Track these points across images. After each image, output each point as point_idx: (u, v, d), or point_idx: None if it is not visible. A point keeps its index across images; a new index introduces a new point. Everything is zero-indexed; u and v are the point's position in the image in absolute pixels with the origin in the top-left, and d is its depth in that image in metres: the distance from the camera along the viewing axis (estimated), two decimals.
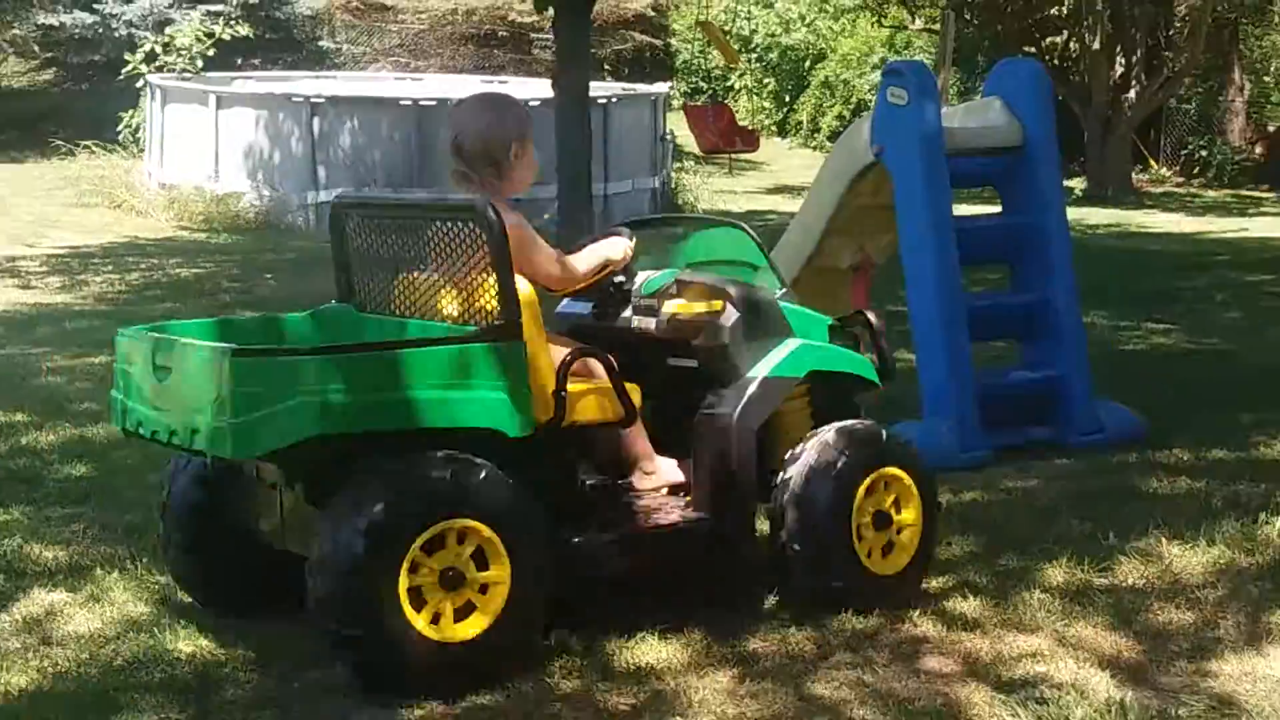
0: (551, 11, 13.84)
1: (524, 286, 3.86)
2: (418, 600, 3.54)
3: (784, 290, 4.52)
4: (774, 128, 35.11)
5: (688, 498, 4.22)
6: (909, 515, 4.21)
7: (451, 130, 4.19)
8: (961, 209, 6.40)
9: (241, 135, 17.25)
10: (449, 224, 3.93)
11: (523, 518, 3.68)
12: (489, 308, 3.84)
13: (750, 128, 27.35)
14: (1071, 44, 25.76)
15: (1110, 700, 3.43)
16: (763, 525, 4.23)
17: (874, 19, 28.51)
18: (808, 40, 34.54)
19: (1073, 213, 20.26)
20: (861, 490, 4.11)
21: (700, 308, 4.24)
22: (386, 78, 24.17)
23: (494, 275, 3.79)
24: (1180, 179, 29.42)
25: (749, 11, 31.98)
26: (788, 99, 35.38)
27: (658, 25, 33.54)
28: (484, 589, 3.62)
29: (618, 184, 19.14)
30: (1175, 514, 4.94)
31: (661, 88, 21.83)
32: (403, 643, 3.51)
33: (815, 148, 32.11)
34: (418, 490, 3.58)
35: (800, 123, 33.66)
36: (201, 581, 4.20)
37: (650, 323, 4.30)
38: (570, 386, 3.91)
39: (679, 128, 24.03)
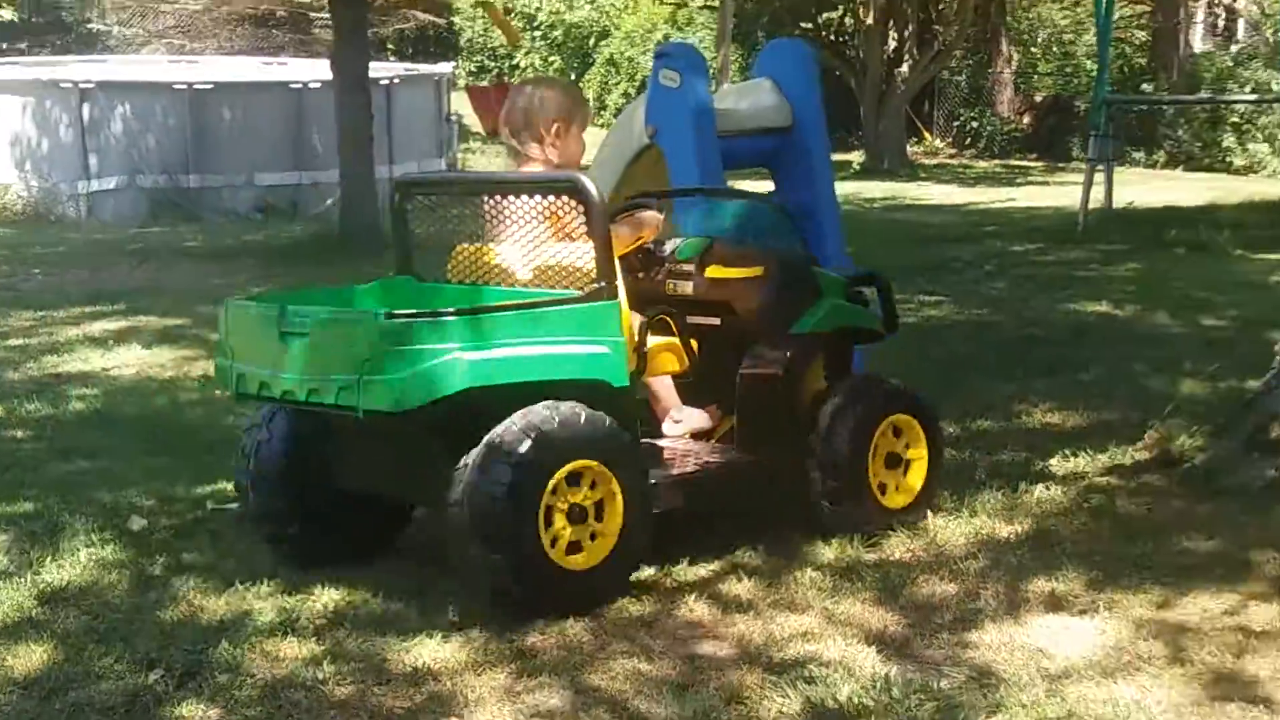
0: None
1: None
2: (548, 531, 4.00)
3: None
4: None
5: (716, 443, 4.76)
6: (916, 454, 4.74)
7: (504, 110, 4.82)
8: (750, 186, 6.49)
9: (7, 123, 16.67)
10: (542, 198, 4.36)
11: (632, 461, 4.20)
12: (584, 272, 4.28)
13: None
14: (846, 19, 26.26)
15: (876, 676, 3.53)
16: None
17: None
18: (591, 17, 34.63)
19: (851, 186, 20.84)
20: (878, 433, 4.63)
21: (741, 271, 4.79)
22: (160, 61, 23.54)
23: (593, 242, 4.24)
24: (953, 150, 30.22)
25: None
26: (573, 77, 35.40)
27: (441, 4, 33.22)
28: (600, 522, 4.11)
29: (403, 166, 18.94)
30: (941, 486, 5.08)
31: (445, 68, 21.68)
32: (536, 568, 3.97)
33: (602, 125, 32.16)
34: (556, 435, 4.00)
35: (586, 100, 33.82)
36: (293, 537, 4.50)
37: (688, 286, 4.82)
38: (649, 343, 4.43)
39: (465, 108, 23.90)
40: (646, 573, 4.36)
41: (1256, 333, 7.82)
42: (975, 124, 30.80)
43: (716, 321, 4.81)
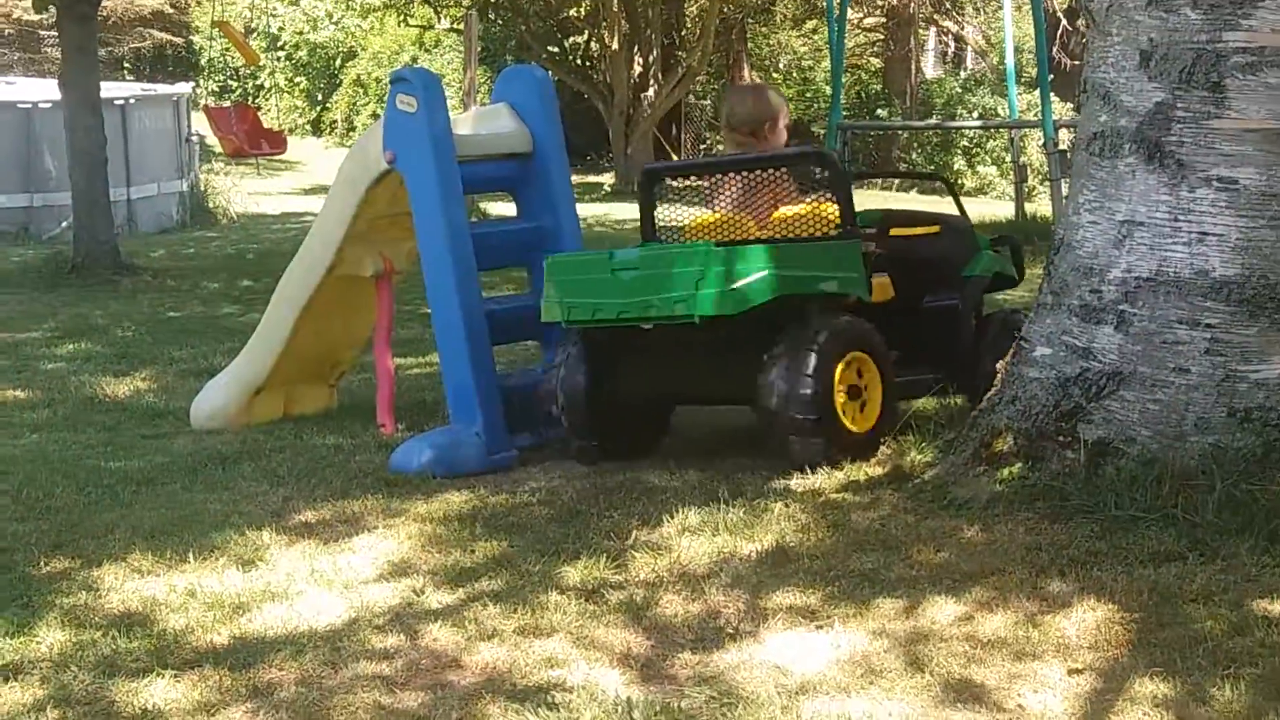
0: (53, 10, 13.18)
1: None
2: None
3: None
4: (308, 126, 34.59)
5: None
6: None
7: (724, 111, 6.53)
8: (499, 209, 6.48)
9: None
10: (790, 169, 5.90)
11: (883, 352, 5.62)
12: (824, 221, 5.70)
13: (276, 128, 26.79)
14: (592, 44, 26.49)
15: (618, 699, 3.54)
16: None
17: (400, 18, 28.51)
18: (337, 38, 34.21)
19: (602, 208, 21.02)
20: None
21: (922, 230, 6.35)
22: None
23: (838, 196, 5.67)
24: None
25: (274, 9, 31.37)
26: (320, 97, 34.94)
27: (178, 23, 32.46)
28: (867, 400, 5.55)
29: (141, 188, 18.43)
30: (686, 505, 5.14)
31: (184, 88, 21.18)
32: (837, 433, 5.39)
33: (350, 146, 31.84)
34: (841, 333, 5.46)
35: (334, 121, 33.33)
36: (599, 436, 5.83)
37: (871, 245, 5.92)
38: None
39: (206, 128, 23.34)
40: (392, 602, 4.33)
41: None
42: (721, 146, 31.35)
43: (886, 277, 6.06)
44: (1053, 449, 4.84)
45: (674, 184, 6.20)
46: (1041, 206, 18.08)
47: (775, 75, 33.44)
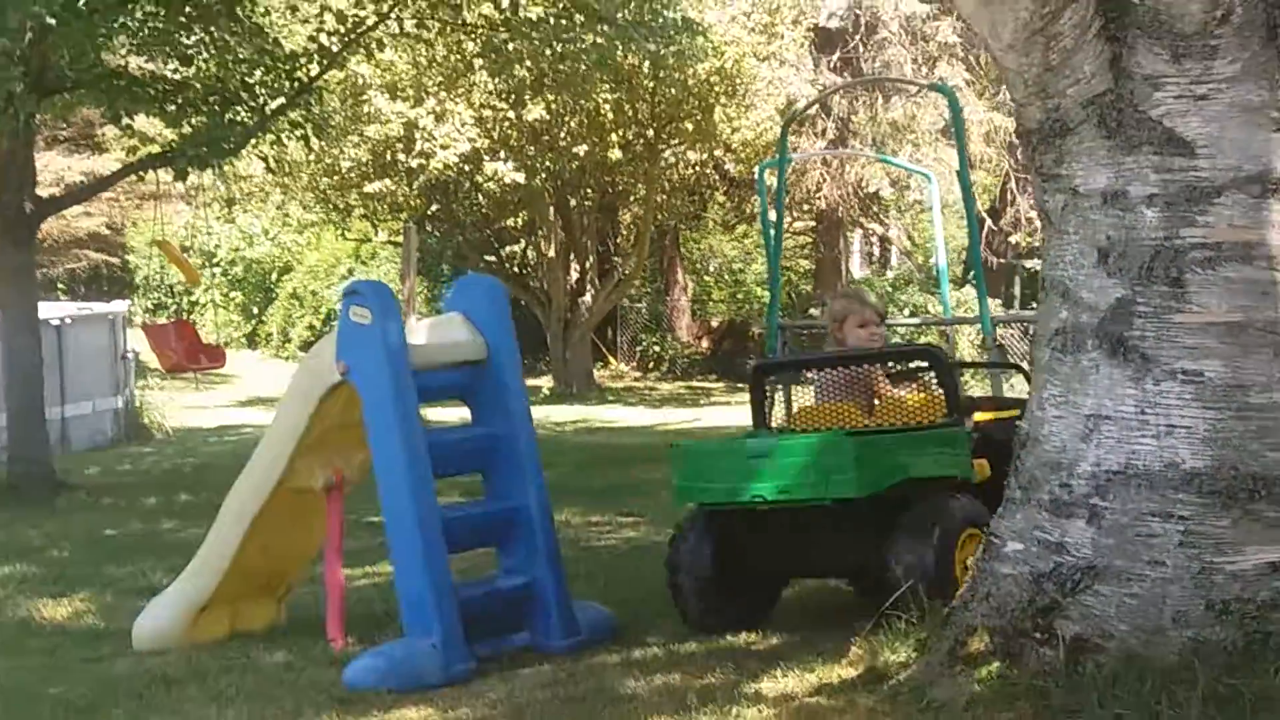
0: None
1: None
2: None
3: None
4: (243, 339, 34.57)
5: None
6: None
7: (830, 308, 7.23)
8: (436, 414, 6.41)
9: None
10: (906, 362, 6.76)
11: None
12: (926, 409, 6.31)
13: (215, 343, 26.65)
14: (529, 252, 26.76)
15: None
16: None
17: (339, 232, 28.72)
18: (273, 253, 34.42)
19: (541, 410, 20.92)
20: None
21: (1005, 414, 6.51)
22: None
23: (946, 389, 6.28)
24: (638, 373, 30.86)
25: (210, 227, 31.58)
26: (256, 310, 34.99)
27: (114, 243, 32.56)
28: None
29: (76, 405, 18.25)
30: (653, 712, 4.99)
31: (120, 306, 21.11)
32: (950, 591, 5.42)
33: (287, 357, 31.80)
34: (964, 510, 5.93)
35: (270, 334, 33.33)
36: (715, 611, 6.31)
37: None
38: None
39: (142, 345, 23.22)
40: None
41: None
42: (657, 348, 31.56)
43: None
44: (1030, 646, 4.73)
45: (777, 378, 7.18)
46: None
47: (708, 278, 33.90)
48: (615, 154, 22.55)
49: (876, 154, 22.13)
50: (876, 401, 6.51)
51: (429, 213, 24.80)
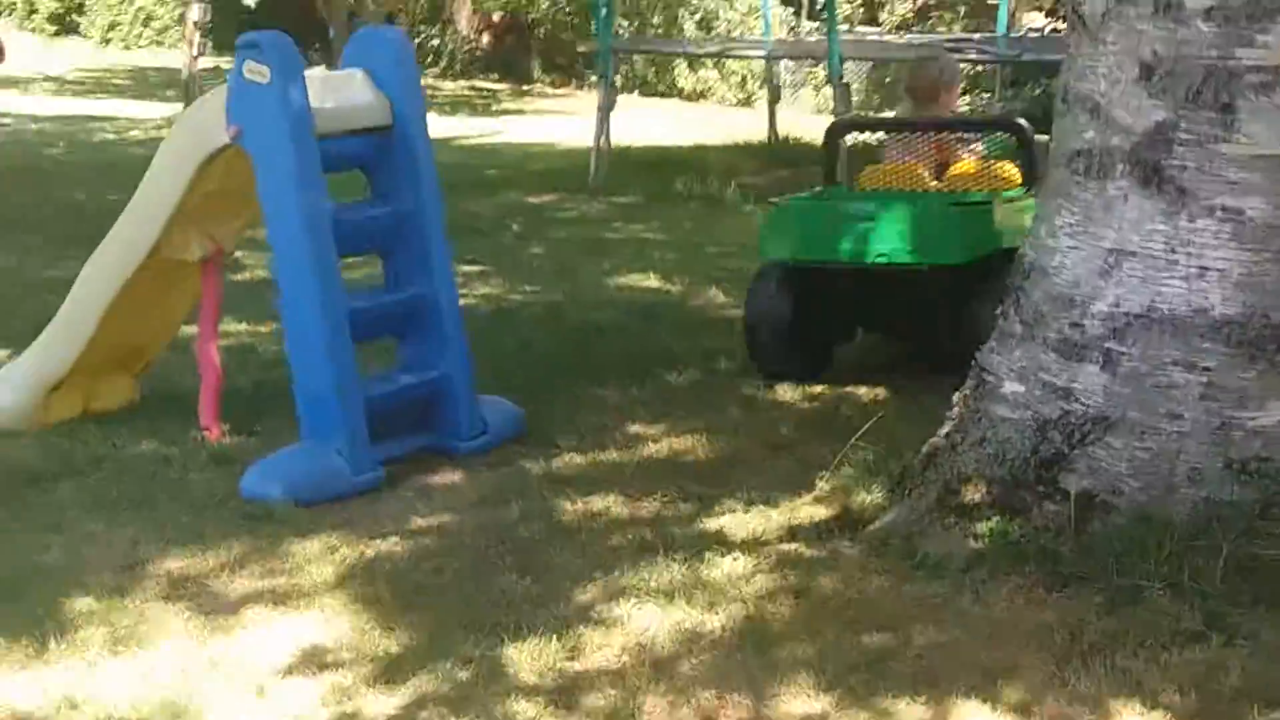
0: None
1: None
2: None
3: None
4: None
5: None
6: None
7: (914, 77, 7.35)
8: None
9: None
10: (992, 133, 6.95)
11: None
12: (1001, 178, 6.60)
13: None
14: None
15: None
16: None
17: None
18: None
19: None
20: None
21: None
22: None
23: (1029, 160, 6.48)
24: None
25: None
26: None
27: None
28: None
29: None
30: (613, 555, 4.59)
31: None
32: None
33: (34, 30, 29.68)
34: None
35: (14, 3, 30.95)
36: (788, 361, 6.57)
37: None
38: None
39: None
40: (324, 715, 3.66)
41: None
42: (436, 42, 30.26)
43: None
44: (1032, 500, 4.43)
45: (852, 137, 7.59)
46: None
47: None
48: None
49: None
50: (947, 167, 6.82)
51: None
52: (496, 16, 31.55)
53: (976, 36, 17.18)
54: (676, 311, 8.36)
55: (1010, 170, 6.63)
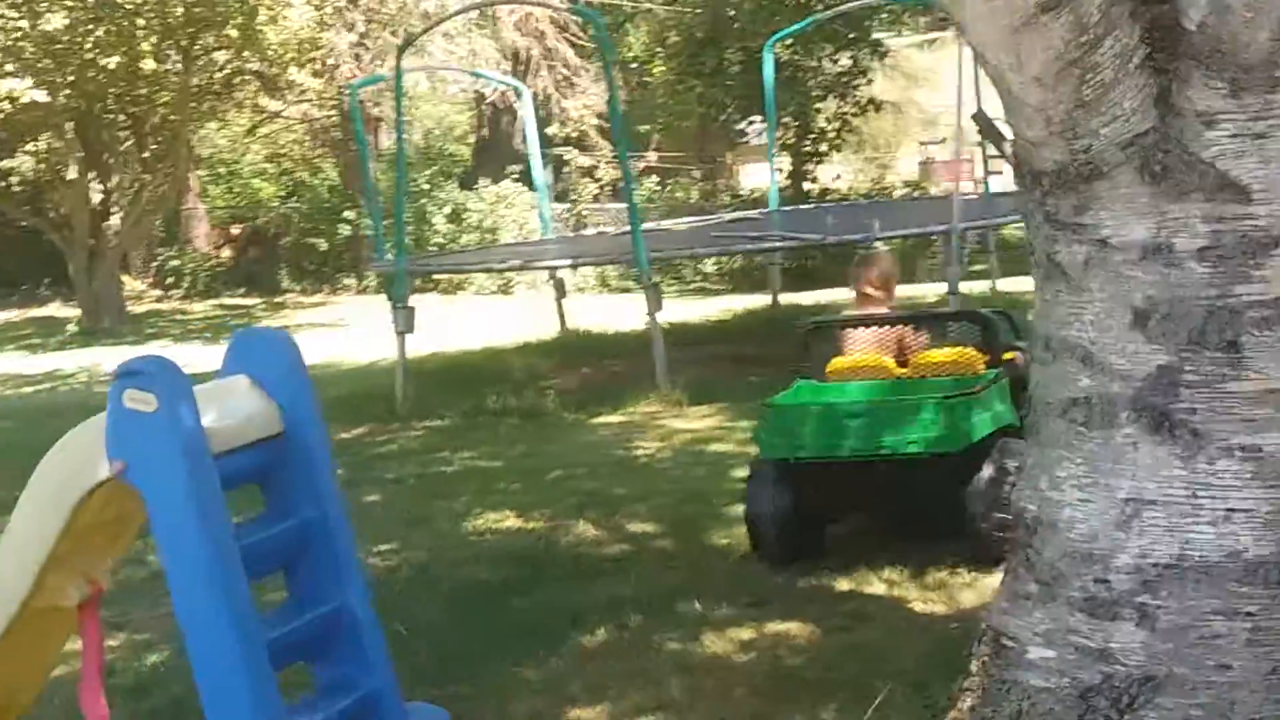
0: None
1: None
2: None
3: None
4: None
5: None
6: None
7: (869, 271, 8.13)
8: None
9: None
10: (956, 324, 7.77)
11: None
12: (979, 366, 7.17)
13: None
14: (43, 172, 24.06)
15: None
16: None
17: None
18: None
19: (79, 357, 18.68)
20: None
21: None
22: None
23: (993, 351, 7.24)
24: (158, 291, 28.68)
25: None
26: None
27: None
28: None
29: None
30: None
31: None
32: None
33: None
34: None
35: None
36: (790, 549, 7.02)
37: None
38: None
39: None
40: None
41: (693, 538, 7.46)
42: (176, 262, 29.48)
43: None
44: None
45: (824, 336, 7.76)
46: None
47: (203, 173, 31.79)
48: (150, 64, 20.16)
49: (471, 69, 20.97)
50: (905, 354, 7.48)
51: None
52: (235, 229, 30.87)
53: (755, 214, 17.33)
54: (554, 554, 7.90)
55: (971, 353, 7.21)
